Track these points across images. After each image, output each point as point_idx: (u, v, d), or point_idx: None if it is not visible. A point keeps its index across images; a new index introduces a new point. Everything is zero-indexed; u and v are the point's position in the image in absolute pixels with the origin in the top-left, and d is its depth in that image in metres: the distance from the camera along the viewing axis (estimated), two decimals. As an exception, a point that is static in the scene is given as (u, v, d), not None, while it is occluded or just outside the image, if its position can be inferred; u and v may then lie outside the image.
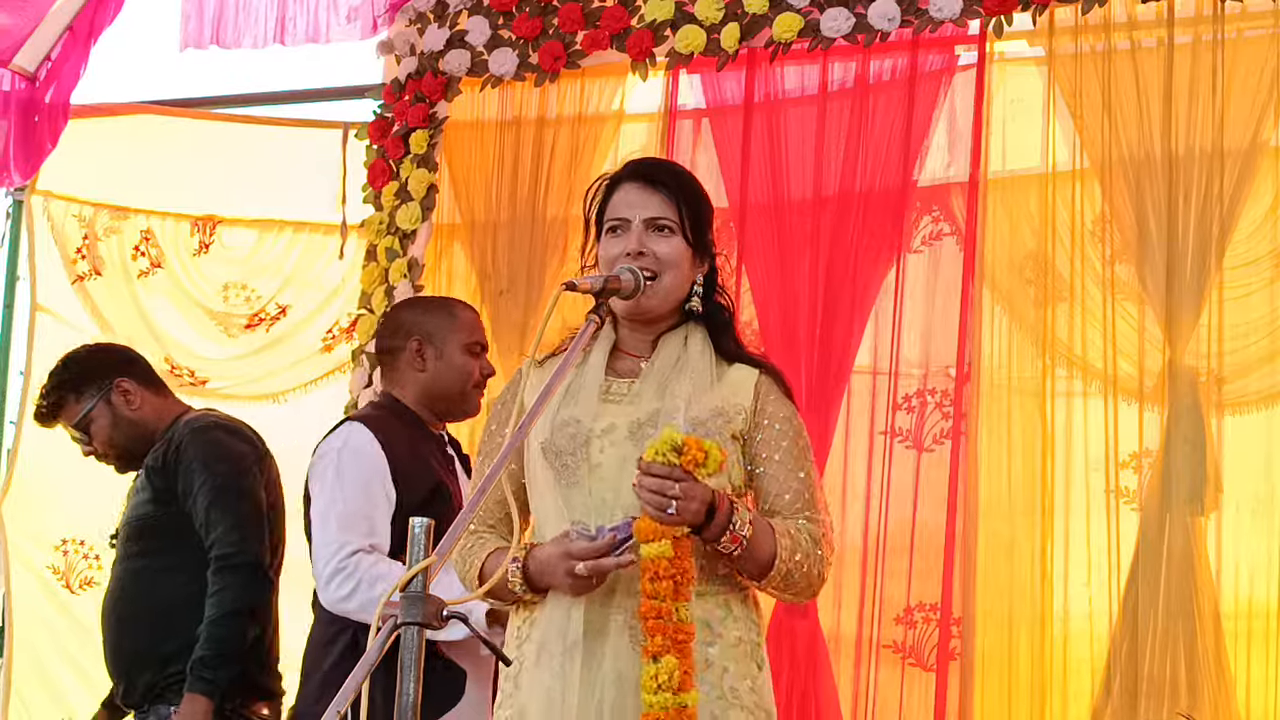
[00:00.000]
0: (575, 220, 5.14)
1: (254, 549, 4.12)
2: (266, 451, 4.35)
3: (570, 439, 2.93)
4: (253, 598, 4.10)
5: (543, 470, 2.97)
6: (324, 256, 6.00)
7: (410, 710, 2.33)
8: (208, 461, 4.18)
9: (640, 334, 3.05)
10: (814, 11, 4.82)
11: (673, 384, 2.97)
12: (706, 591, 2.89)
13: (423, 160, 5.42)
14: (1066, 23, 4.59)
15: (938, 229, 4.87)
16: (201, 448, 4.21)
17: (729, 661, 2.88)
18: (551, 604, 2.91)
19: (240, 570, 4.08)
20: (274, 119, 6.20)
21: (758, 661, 2.94)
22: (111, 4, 6.02)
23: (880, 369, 4.79)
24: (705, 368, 2.99)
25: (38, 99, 6.15)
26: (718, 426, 2.92)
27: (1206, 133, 4.41)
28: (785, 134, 4.92)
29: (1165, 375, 4.38)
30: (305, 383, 5.99)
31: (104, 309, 6.23)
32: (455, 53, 5.41)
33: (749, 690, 2.88)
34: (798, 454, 2.98)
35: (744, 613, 2.94)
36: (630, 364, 3.04)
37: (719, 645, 2.88)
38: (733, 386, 2.99)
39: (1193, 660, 4.22)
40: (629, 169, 3.10)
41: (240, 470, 4.21)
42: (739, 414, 2.96)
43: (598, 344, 3.06)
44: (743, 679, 2.88)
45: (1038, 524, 4.49)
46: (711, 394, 2.96)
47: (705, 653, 2.85)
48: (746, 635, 2.93)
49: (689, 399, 2.93)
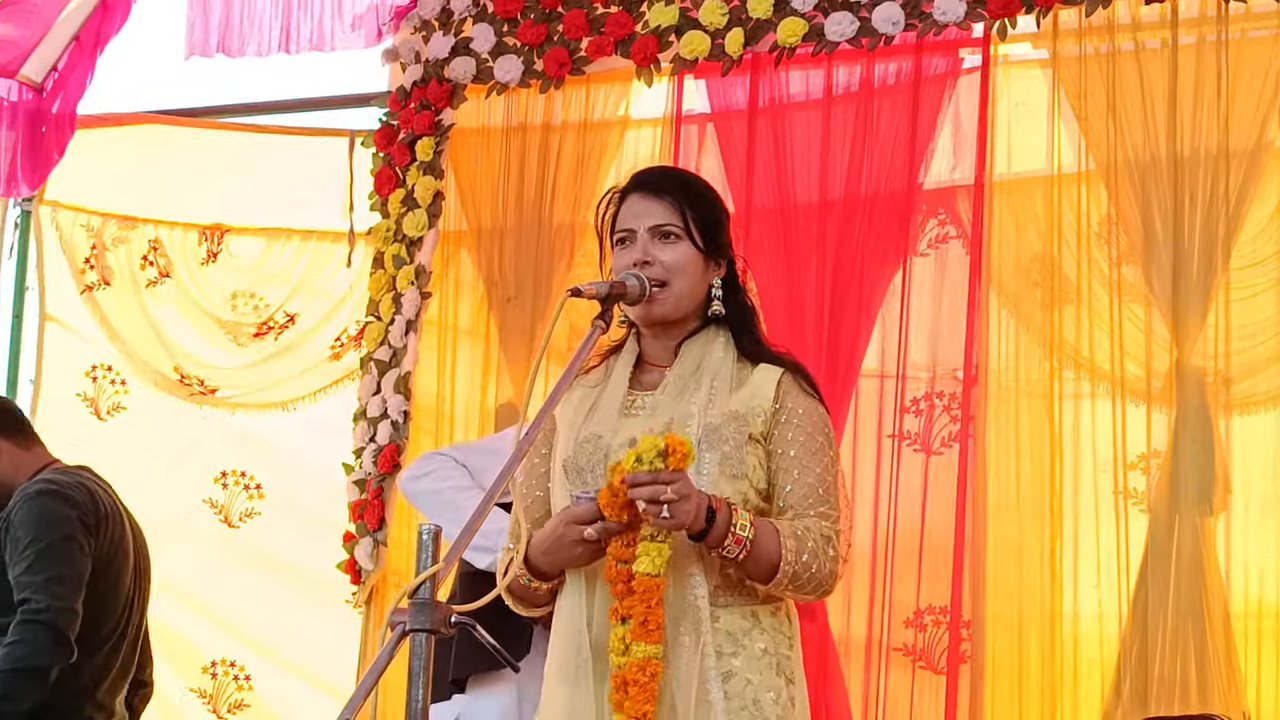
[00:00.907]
0: (582, 226, 5.21)
1: (60, 612, 3.98)
2: (106, 515, 4.15)
3: (589, 456, 2.93)
4: (47, 659, 3.97)
5: (563, 488, 2.96)
6: (331, 264, 6.01)
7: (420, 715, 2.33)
8: (30, 527, 4.04)
9: (662, 342, 3.04)
10: (818, 16, 4.83)
11: (690, 391, 2.96)
12: (733, 603, 2.88)
13: (429, 167, 5.43)
14: (1070, 25, 4.60)
15: (943, 232, 4.87)
16: (26, 514, 4.07)
17: (752, 673, 2.85)
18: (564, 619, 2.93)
19: (42, 628, 3.96)
20: (280, 128, 6.20)
21: (787, 674, 2.90)
22: (117, 14, 6.04)
23: (888, 372, 4.79)
24: (726, 372, 2.97)
25: (44, 109, 6.17)
26: (732, 431, 2.91)
27: (1212, 133, 4.42)
28: (790, 138, 4.92)
29: (1173, 376, 4.38)
30: (314, 391, 5.99)
31: (113, 318, 6.25)
32: (460, 60, 5.42)
33: (772, 702, 2.85)
34: (815, 448, 2.94)
35: (773, 625, 2.92)
36: (654, 375, 3.02)
37: (742, 656, 2.85)
38: (754, 388, 2.96)
39: (1203, 661, 4.22)
40: (633, 180, 3.10)
41: (62, 535, 4.08)
42: (759, 416, 2.93)
43: (621, 357, 3.06)
44: (766, 691, 2.85)
45: (1047, 526, 4.49)
46: (731, 398, 2.94)
47: (730, 664, 2.84)
48: (774, 647, 2.90)
49: (705, 405, 2.93)
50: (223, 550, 6.07)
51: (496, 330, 5.33)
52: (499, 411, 5.26)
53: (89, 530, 4.08)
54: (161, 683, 6.06)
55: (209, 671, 6.00)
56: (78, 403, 6.27)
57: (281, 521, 6.05)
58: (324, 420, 5.92)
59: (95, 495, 4.16)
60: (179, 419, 6.17)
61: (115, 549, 4.14)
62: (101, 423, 6.26)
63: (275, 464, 6.10)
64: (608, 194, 3.11)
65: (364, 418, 5.43)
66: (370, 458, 5.35)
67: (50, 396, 6.30)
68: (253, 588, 6.03)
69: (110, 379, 6.27)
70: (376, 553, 5.29)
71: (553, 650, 2.97)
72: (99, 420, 6.26)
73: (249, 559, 6.05)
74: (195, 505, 6.09)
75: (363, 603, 5.38)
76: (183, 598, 6.09)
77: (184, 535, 6.09)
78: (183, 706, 6.01)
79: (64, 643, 3.94)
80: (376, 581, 5.32)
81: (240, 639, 6.02)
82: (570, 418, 2.99)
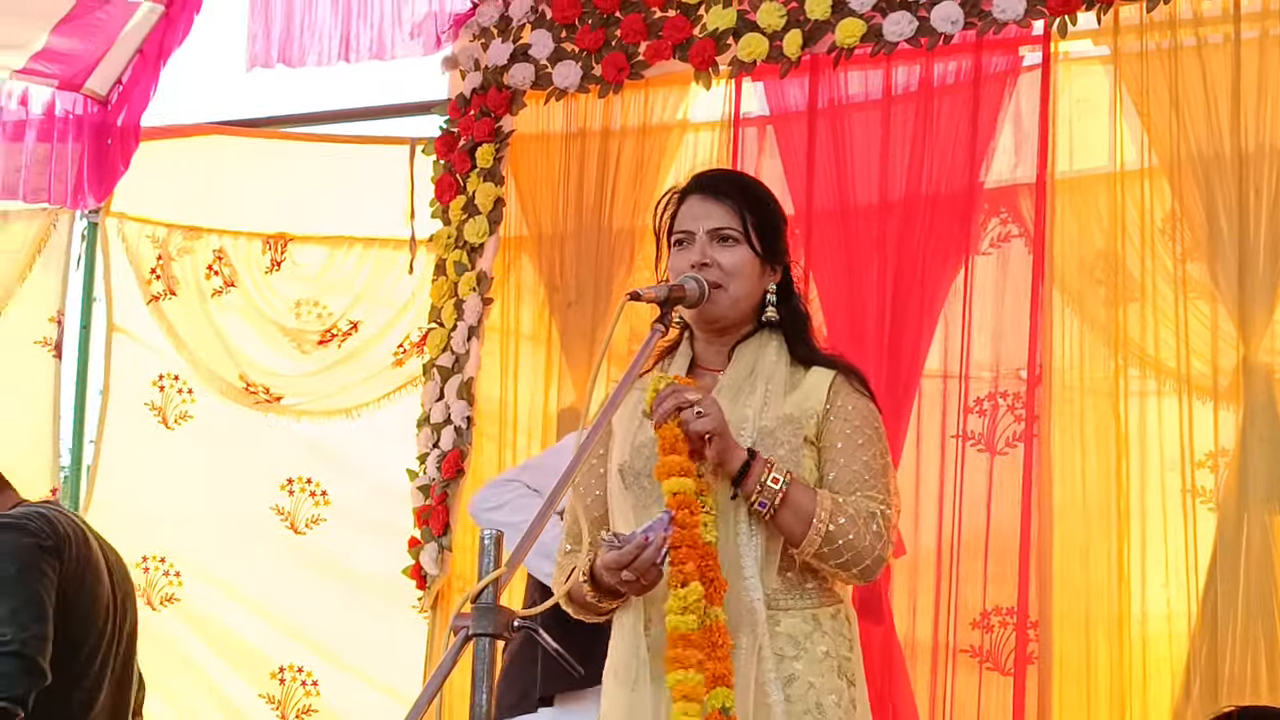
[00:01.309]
0: (641, 231, 5.22)
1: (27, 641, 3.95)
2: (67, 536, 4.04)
3: (646, 461, 2.93)
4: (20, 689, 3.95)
5: (620, 492, 2.98)
6: (394, 272, 6.05)
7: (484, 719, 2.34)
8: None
9: (716, 346, 3.05)
10: (876, 16, 4.81)
11: (744, 395, 2.97)
12: (793, 606, 2.88)
13: (489, 174, 5.45)
14: (1131, 21, 4.56)
15: (1006, 231, 4.84)
16: None
17: (814, 676, 2.86)
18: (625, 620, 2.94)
19: (11, 659, 3.93)
20: (342, 137, 6.24)
21: (848, 676, 2.90)
22: (180, 26, 6.08)
23: (950, 372, 4.77)
24: (780, 376, 2.98)
25: (110, 122, 6.23)
26: (787, 435, 2.91)
27: (1276, 128, 4.38)
28: (850, 139, 4.91)
29: (1239, 373, 4.34)
30: (378, 397, 6.03)
31: (179, 328, 6.31)
32: (519, 66, 5.44)
33: (834, 705, 2.85)
34: (863, 440, 2.94)
35: (834, 627, 2.92)
36: (708, 379, 3.03)
37: (805, 660, 2.86)
38: (806, 391, 2.96)
39: (1274, 659, 4.18)
40: (693, 182, 3.11)
41: (22, 565, 4.04)
42: (811, 418, 2.94)
43: (674, 361, 3.07)
44: (829, 694, 2.85)
45: (1113, 526, 4.46)
46: (784, 402, 2.95)
47: (791, 667, 2.84)
48: (835, 650, 2.90)
49: (760, 409, 2.93)
50: (289, 557, 6.12)
51: (558, 335, 5.34)
52: (561, 416, 5.27)
53: (49, 552, 4.02)
54: (230, 689, 6.14)
55: (277, 677, 6.05)
56: (146, 412, 6.33)
57: (347, 527, 6.09)
58: (388, 427, 5.95)
59: (53, 520, 4.09)
60: (245, 427, 6.21)
61: (84, 567, 4.09)
62: (169, 432, 6.32)
63: (340, 470, 6.13)
64: (667, 194, 3.12)
65: (427, 424, 5.45)
66: (434, 463, 5.38)
67: (118, 407, 6.37)
68: (319, 594, 6.07)
69: (177, 388, 6.33)
70: (441, 558, 5.32)
71: (612, 651, 2.98)
72: (166, 429, 6.32)
73: (315, 565, 6.09)
74: (262, 512, 6.14)
75: (428, 608, 5.41)
76: (250, 604, 6.15)
77: (251, 542, 6.15)
78: (252, 712, 6.06)
79: (36, 670, 3.91)
80: (441, 586, 5.35)
81: (308, 645, 6.07)
82: (626, 422, 3.00)
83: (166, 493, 6.29)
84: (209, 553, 6.22)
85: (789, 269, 3.10)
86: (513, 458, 5.35)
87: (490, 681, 2.35)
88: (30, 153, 6.18)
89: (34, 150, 6.19)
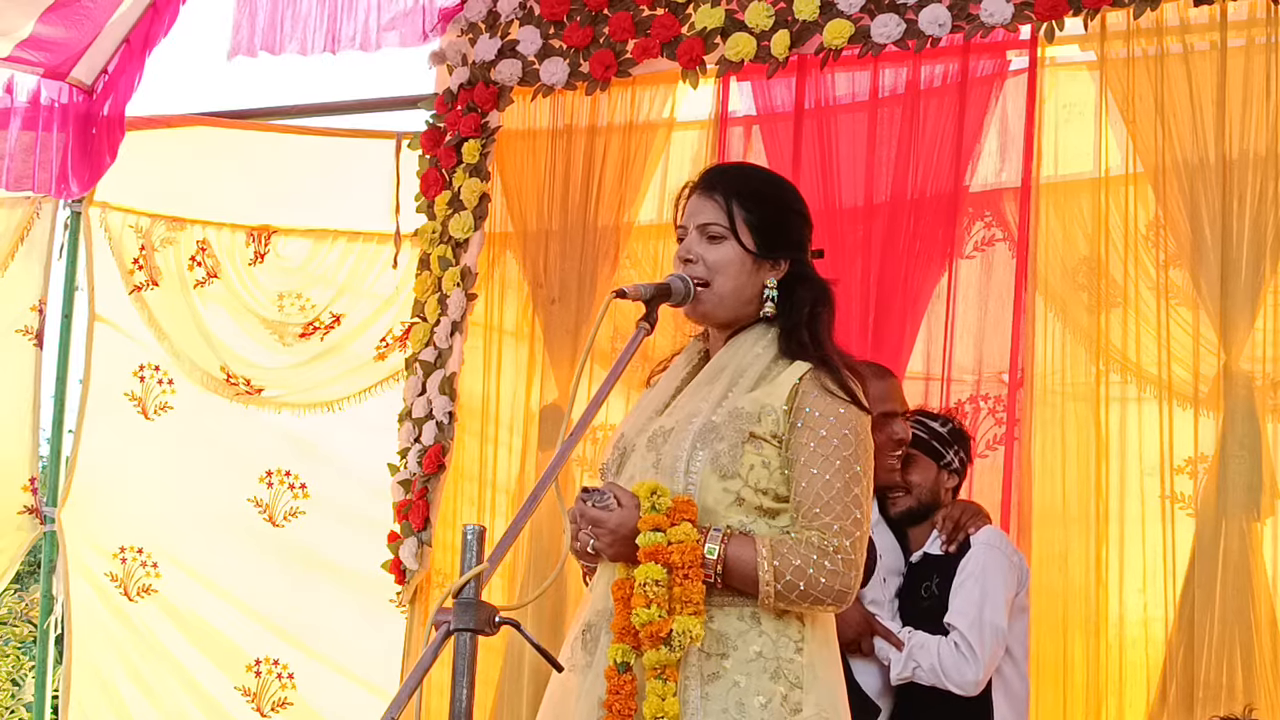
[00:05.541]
0: (626, 228, 5.22)
1: None
2: None
3: (611, 451, 3.01)
4: None
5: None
6: (377, 266, 6.04)
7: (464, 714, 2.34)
8: None
9: (721, 340, 3.06)
10: (864, 18, 4.81)
11: (704, 388, 2.97)
12: (728, 603, 2.85)
13: (475, 169, 5.44)
14: (1118, 27, 4.57)
15: (990, 234, 4.86)
16: None
17: (741, 675, 2.82)
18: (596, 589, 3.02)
19: None
20: (327, 130, 6.24)
21: (790, 679, 2.83)
22: (166, 16, 6.06)
23: (933, 375, 4.78)
24: (755, 369, 2.96)
25: (95, 111, 6.21)
26: (730, 430, 2.88)
27: (1261, 136, 4.38)
28: (836, 140, 4.92)
29: (1220, 380, 4.36)
30: (359, 391, 6.03)
31: (161, 319, 6.29)
32: (506, 62, 5.43)
33: (759, 706, 2.79)
34: (827, 452, 2.86)
35: (775, 628, 2.86)
36: None
37: (733, 658, 2.83)
38: (771, 387, 2.93)
39: (1249, 666, 4.19)
40: (698, 176, 3.12)
41: None
42: (769, 414, 2.89)
43: (684, 355, 3.11)
44: (755, 695, 2.80)
45: (1092, 530, 4.47)
46: (745, 396, 2.92)
47: (718, 665, 2.82)
48: (772, 651, 2.84)
49: (716, 402, 2.92)
50: (267, 549, 6.11)
51: (541, 331, 5.34)
52: (543, 413, 5.27)
53: None
54: (206, 681, 6.13)
55: (253, 670, 6.04)
56: (125, 402, 6.32)
57: (326, 521, 6.09)
58: (369, 420, 5.95)
59: None
60: (225, 418, 6.21)
61: None
62: (149, 422, 6.31)
63: (320, 464, 6.13)
64: (682, 189, 3.12)
65: (409, 418, 5.45)
66: (415, 458, 5.37)
67: (98, 396, 6.35)
68: (297, 587, 6.07)
69: (158, 379, 6.32)
70: (421, 553, 5.31)
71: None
72: (146, 420, 6.31)
73: (293, 558, 6.09)
74: (240, 504, 6.13)
75: (407, 602, 5.40)
76: (227, 596, 6.14)
77: (229, 534, 6.14)
78: (227, 704, 6.05)
79: None
80: (421, 581, 5.34)
81: (284, 638, 6.06)
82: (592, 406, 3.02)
83: (145, 483, 6.28)
84: (187, 544, 6.21)
85: (802, 261, 3.06)
86: (494, 453, 5.35)
87: (470, 677, 2.35)
88: (15, 141, 6.16)
89: (18, 138, 6.16)
